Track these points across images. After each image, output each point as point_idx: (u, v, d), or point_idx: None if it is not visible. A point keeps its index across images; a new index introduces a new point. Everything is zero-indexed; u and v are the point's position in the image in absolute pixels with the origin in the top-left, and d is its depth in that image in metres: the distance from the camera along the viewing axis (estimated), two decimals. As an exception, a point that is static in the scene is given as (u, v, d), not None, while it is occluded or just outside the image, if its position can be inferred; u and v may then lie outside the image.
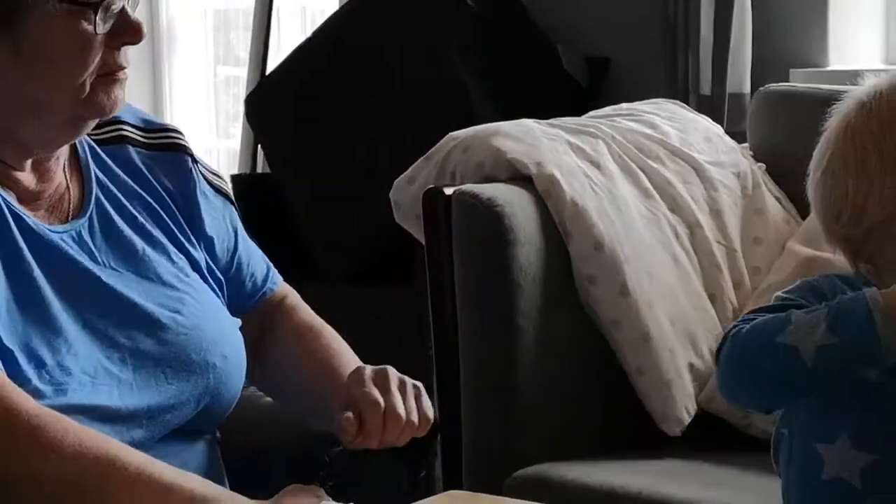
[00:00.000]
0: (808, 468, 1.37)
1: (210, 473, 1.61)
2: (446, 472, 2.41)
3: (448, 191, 2.40)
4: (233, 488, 1.57)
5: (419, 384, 1.65)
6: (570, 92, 3.40)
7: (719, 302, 2.52)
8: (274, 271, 1.85)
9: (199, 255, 1.72)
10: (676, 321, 2.44)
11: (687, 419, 2.41)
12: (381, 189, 2.59)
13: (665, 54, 3.33)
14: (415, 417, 1.61)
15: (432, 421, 1.63)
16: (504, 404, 2.35)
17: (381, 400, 1.59)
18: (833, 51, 3.26)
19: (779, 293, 1.40)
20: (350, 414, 1.58)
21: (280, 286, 1.85)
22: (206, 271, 1.72)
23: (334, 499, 1.50)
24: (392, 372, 1.64)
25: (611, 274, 2.39)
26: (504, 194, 2.37)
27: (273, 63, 3.82)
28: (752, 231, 2.61)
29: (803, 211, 2.62)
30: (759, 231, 2.62)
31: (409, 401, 1.61)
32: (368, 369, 1.65)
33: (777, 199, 2.68)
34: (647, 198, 2.54)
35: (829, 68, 3.24)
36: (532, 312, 2.35)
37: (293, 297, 1.86)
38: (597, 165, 2.50)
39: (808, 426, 1.38)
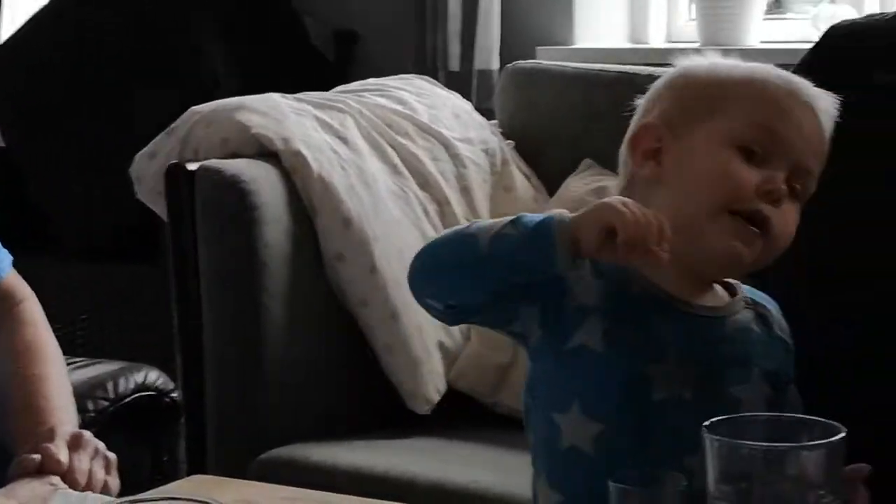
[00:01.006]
0: (548, 438, 1.41)
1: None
2: (190, 455, 2.38)
3: (191, 166, 2.36)
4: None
5: (112, 456, 1.66)
6: (318, 66, 3.38)
7: (468, 279, 2.52)
8: (5, 259, 1.79)
9: None
10: (425, 299, 2.43)
11: (436, 397, 2.41)
12: (123, 163, 2.51)
13: (414, 30, 3.32)
14: (97, 490, 1.61)
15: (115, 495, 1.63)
16: (250, 385, 2.32)
17: (64, 461, 1.60)
18: (579, 29, 3.30)
19: None
20: (35, 457, 1.59)
21: (7, 276, 1.78)
22: None
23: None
24: (89, 438, 1.65)
25: (359, 252, 2.37)
26: (249, 170, 2.34)
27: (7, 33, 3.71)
28: (501, 208, 2.62)
29: (551, 188, 2.65)
30: (507, 208, 2.63)
31: (97, 472, 1.62)
32: (69, 427, 1.67)
33: (525, 175, 2.69)
34: (397, 174, 2.52)
35: (574, 46, 3.28)
36: (279, 291, 2.32)
37: (28, 306, 1.80)
38: (345, 141, 2.48)
39: (546, 397, 1.41)
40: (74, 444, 1.63)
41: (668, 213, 1.33)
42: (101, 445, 1.65)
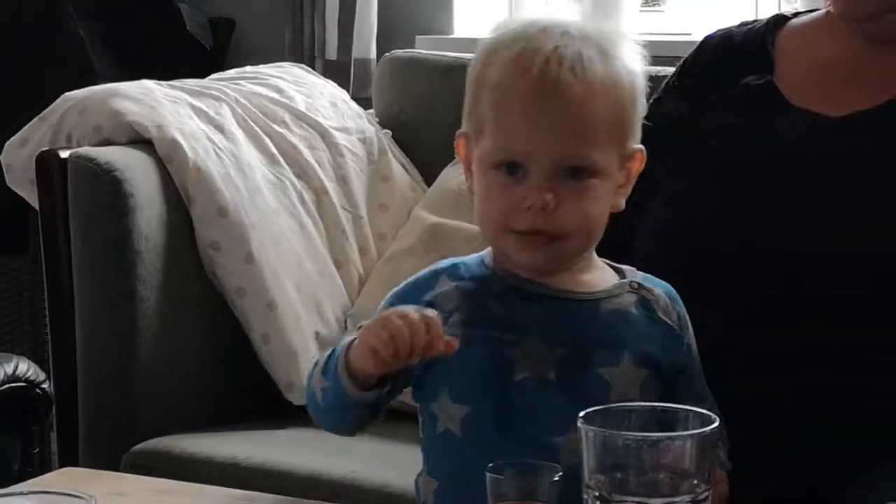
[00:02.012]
0: (427, 427, 1.45)
1: None
2: (62, 447, 2.35)
3: (63, 154, 2.32)
4: None
5: None
6: (194, 53, 3.34)
7: (345, 269, 2.52)
8: None
9: None
10: (302, 288, 2.42)
11: (313, 388, 2.39)
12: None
13: (291, 18, 3.30)
14: None
15: None
16: (123, 376, 2.29)
17: None
18: (458, 19, 3.31)
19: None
20: None
21: None
22: None
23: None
24: None
25: (235, 240, 2.35)
26: (123, 158, 2.31)
27: None
28: (378, 197, 2.62)
29: (428, 177, 2.65)
30: (384, 197, 2.63)
31: None
32: None
33: (402, 165, 2.69)
34: (273, 163, 2.51)
35: (453, 36, 3.28)
36: (153, 281, 2.30)
37: None
38: (220, 129, 2.46)
39: (423, 389, 1.45)
40: None
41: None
42: None
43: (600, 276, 1.47)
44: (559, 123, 1.39)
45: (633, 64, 1.44)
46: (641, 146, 1.45)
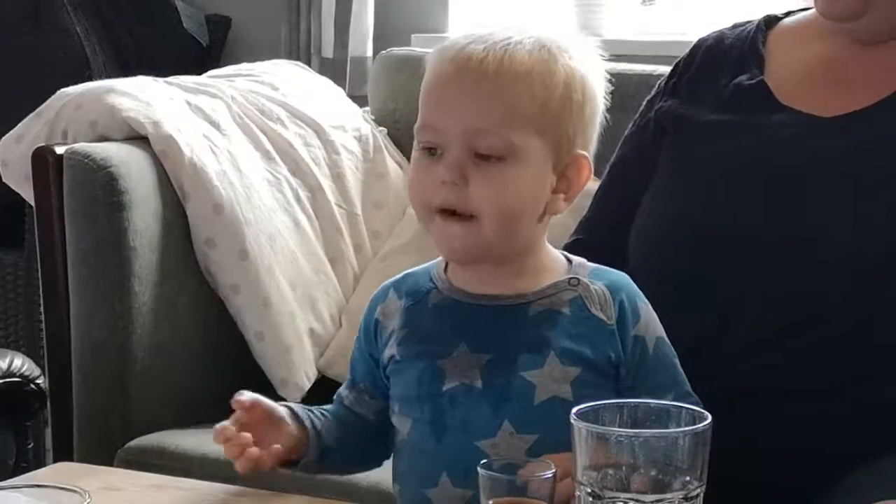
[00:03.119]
0: (393, 434, 1.52)
1: None
2: (56, 443, 2.35)
3: (59, 150, 2.32)
4: None
5: None
6: (190, 50, 3.34)
7: (340, 266, 2.52)
8: None
9: None
10: (297, 286, 2.42)
11: (307, 384, 2.40)
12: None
13: (287, 15, 3.31)
14: None
15: None
16: (117, 372, 2.29)
17: None
18: (454, 17, 3.31)
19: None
20: None
21: None
22: None
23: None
24: None
25: (230, 237, 2.35)
26: (119, 154, 2.31)
27: None
28: (373, 195, 2.63)
29: (423, 176, 2.65)
30: (379, 195, 2.63)
31: None
32: None
33: (398, 163, 2.69)
34: (269, 160, 2.51)
35: (448, 34, 3.28)
36: (149, 277, 2.30)
37: None
38: (216, 126, 2.46)
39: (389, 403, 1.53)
40: None
41: None
42: None
43: (544, 278, 1.48)
44: (470, 101, 1.41)
45: (583, 67, 1.44)
46: (586, 153, 1.46)
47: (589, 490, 1.17)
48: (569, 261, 1.49)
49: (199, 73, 2.68)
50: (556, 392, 1.42)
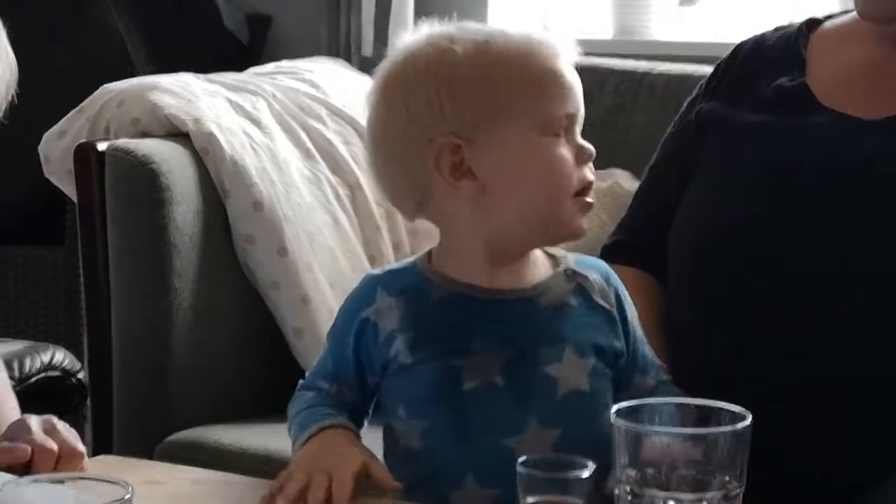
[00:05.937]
0: (389, 439, 1.50)
1: None
2: (96, 437, 2.35)
3: (101, 146, 2.33)
4: None
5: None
6: (231, 49, 3.35)
7: (379, 264, 2.52)
8: None
9: None
10: (336, 283, 2.43)
11: (345, 382, 2.40)
12: (29, 141, 2.47)
13: (327, 14, 3.31)
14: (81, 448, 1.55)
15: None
16: (157, 367, 2.30)
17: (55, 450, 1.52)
18: (493, 16, 3.31)
19: None
20: (26, 447, 1.51)
21: None
22: None
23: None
24: (56, 422, 1.57)
25: (270, 234, 2.36)
26: (160, 151, 2.32)
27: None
28: (412, 193, 2.62)
29: (462, 174, 2.65)
30: (418, 193, 2.63)
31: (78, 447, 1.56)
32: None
33: (437, 161, 2.69)
34: (309, 158, 2.52)
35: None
36: (189, 273, 2.31)
37: None
38: (257, 123, 2.47)
39: (383, 409, 1.50)
40: (49, 430, 1.56)
41: (509, 218, 1.43)
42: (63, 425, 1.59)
43: (537, 265, 1.49)
44: (572, 79, 1.48)
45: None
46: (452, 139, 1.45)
47: (629, 489, 1.17)
48: (546, 253, 1.50)
49: (239, 72, 2.69)
50: (576, 385, 1.43)
